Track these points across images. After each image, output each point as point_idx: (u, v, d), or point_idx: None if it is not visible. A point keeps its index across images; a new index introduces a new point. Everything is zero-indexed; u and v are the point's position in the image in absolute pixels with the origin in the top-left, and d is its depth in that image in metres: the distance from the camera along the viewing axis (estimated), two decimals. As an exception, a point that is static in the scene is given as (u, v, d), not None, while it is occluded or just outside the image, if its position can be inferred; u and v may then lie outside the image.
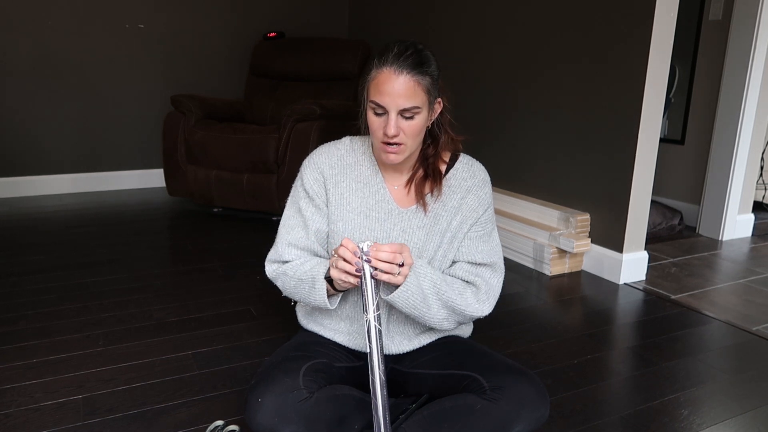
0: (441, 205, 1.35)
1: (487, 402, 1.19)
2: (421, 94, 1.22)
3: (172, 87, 3.82)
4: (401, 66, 1.20)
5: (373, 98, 1.23)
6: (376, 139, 1.27)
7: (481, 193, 1.38)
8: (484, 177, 1.40)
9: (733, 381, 1.70)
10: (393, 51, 1.22)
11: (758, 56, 2.91)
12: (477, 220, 1.37)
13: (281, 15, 4.11)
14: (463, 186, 1.37)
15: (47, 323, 1.91)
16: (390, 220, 1.34)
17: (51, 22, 3.46)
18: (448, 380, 1.30)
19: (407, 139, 1.24)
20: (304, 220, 1.37)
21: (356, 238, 1.33)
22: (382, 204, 1.35)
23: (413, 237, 1.33)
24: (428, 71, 1.23)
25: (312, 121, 3.00)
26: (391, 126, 1.22)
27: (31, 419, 1.41)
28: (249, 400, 1.20)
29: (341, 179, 1.36)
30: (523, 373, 1.25)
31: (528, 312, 2.15)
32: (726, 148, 3.05)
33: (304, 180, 1.38)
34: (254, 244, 2.78)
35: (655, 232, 3.11)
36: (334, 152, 1.39)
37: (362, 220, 1.34)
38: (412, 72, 1.20)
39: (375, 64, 1.24)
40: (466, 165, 1.40)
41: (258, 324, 1.96)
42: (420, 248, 1.33)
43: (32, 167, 3.58)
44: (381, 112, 1.23)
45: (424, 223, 1.34)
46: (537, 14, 2.75)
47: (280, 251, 1.38)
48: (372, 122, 1.26)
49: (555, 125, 2.71)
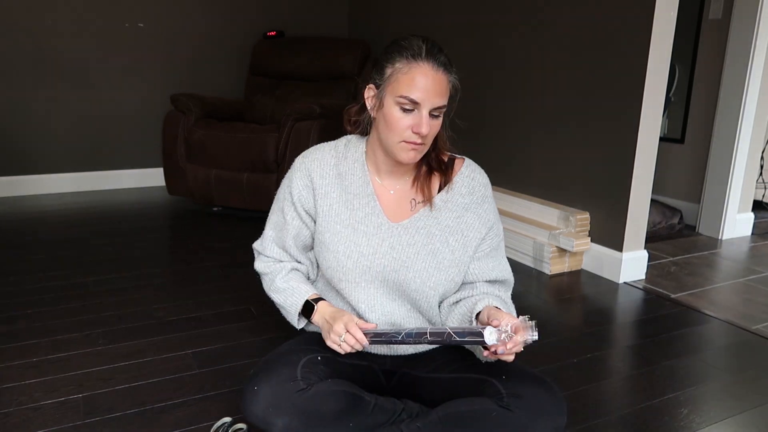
0: (435, 222, 1.29)
1: (504, 409, 1.15)
2: (448, 94, 1.21)
3: (171, 86, 3.82)
4: (438, 63, 1.17)
5: (405, 93, 1.16)
6: (396, 137, 1.20)
7: (481, 210, 1.31)
8: (484, 192, 1.33)
9: (732, 380, 1.70)
10: (425, 46, 1.18)
11: (758, 55, 2.91)
12: (482, 240, 1.32)
13: (281, 14, 4.10)
14: (460, 203, 1.31)
15: (47, 322, 1.91)
16: (378, 234, 1.29)
17: (51, 22, 3.45)
18: (463, 383, 1.26)
19: (430, 138, 1.22)
20: (285, 223, 1.38)
21: (342, 252, 1.30)
22: (371, 217, 1.30)
23: (401, 254, 1.27)
24: (453, 72, 1.22)
25: (312, 120, 3.00)
26: (425, 123, 1.17)
27: (30, 418, 1.41)
28: (245, 389, 1.19)
29: (331, 189, 1.32)
30: (542, 381, 1.21)
31: (528, 311, 2.14)
32: (726, 147, 3.05)
33: (292, 184, 1.35)
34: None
35: (655, 231, 3.11)
36: (328, 159, 1.34)
37: (350, 233, 1.30)
38: (445, 70, 1.19)
39: (405, 56, 1.17)
40: (467, 178, 1.33)
41: (257, 323, 1.96)
42: (408, 266, 1.27)
43: (32, 166, 3.58)
44: (411, 108, 1.18)
45: (415, 240, 1.28)
46: (537, 14, 2.74)
47: (264, 245, 1.44)
48: (397, 119, 1.18)
49: (555, 124, 2.70)
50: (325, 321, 1.28)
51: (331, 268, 1.32)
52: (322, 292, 1.42)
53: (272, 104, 3.64)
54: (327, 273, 1.35)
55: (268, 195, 3.04)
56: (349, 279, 1.30)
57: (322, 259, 1.35)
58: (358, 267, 1.29)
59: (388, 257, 1.28)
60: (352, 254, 1.29)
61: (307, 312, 1.34)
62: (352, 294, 1.32)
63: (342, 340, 1.21)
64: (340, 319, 1.24)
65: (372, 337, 1.20)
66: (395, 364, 1.37)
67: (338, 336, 1.22)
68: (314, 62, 3.68)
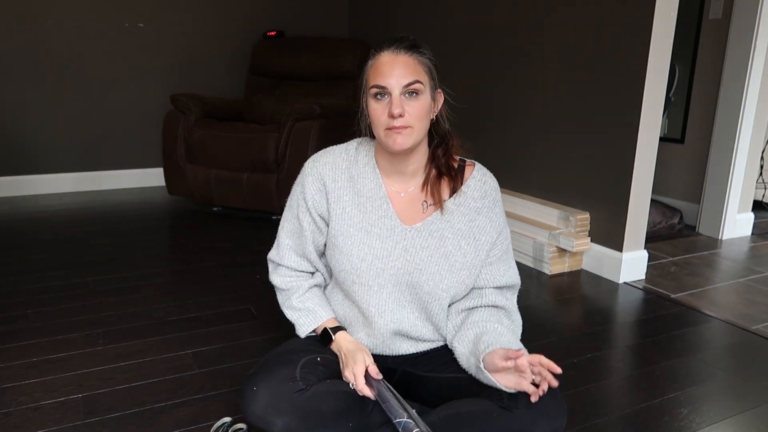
0: (447, 225, 1.30)
1: (504, 410, 1.16)
2: (423, 73, 1.22)
3: (171, 86, 3.82)
4: (398, 48, 1.22)
5: (372, 83, 1.22)
6: (380, 128, 1.23)
7: (492, 214, 1.32)
8: (495, 196, 1.34)
9: (732, 380, 1.70)
10: (387, 40, 1.24)
11: (758, 55, 2.91)
12: (493, 244, 1.33)
13: (281, 14, 4.10)
14: (472, 207, 1.31)
15: (47, 322, 1.91)
16: (392, 237, 1.30)
17: (51, 21, 3.45)
18: (464, 384, 1.26)
19: (413, 120, 1.21)
20: (301, 229, 1.37)
21: (356, 254, 1.30)
22: (384, 220, 1.30)
23: (415, 257, 1.28)
24: (426, 54, 1.24)
25: (312, 120, 3.00)
26: (396, 103, 1.19)
27: (30, 418, 1.41)
28: (245, 389, 1.20)
29: (344, 193, 1.32)
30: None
31: (527, 311, 2.14)
32: (726, 147, 3.05)
33: (305, 188, 1.34)
34: (254, 244, 2.78)
35: (655, 231, 3.11)
36: (339, 163, 1.34)
37: (363, 236, 1.30)
38: (410, 52, 1.22)
39: (371, 55, 1.25)
40: (479, 182, 1.33)
41: (257, 323, 1.96)
42: (421, 269, 1.28)
43: (32, 166, 3.58)
44: (383, 95, 1.21)
45: (428, 243, 1.29)
46: (537, 14, 2.74)
47: (282, 254, 1.40)
48: (374, 110, 1.22)
49: (555, 124, 2.70)
50: (341, 354, 1.30)
51: (345, 270, 1.31)
52: (330, 295, 1.43)
53: (272, 104, 3.64)
54: (340, 276, 1.34)
55: (268, 195, 3.04)
56: (363, 282, 1.30)
57: (335, 262, 1.34)
58: (372, 269, 1.29)
59: (402, 260, 1.28)
60: (366, 257, 1.29)
61: (324, 337, 1.35)
62: (364, 297, 1.31)
63: (352, 387, 1.23)
64: (351, 364, 1.24)
65: (377, 394, 1.21)
66: (396, 362, 1.37)
67: (349, 380, 1.24)
68: (314, 62, 3.68)
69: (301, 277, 1.41)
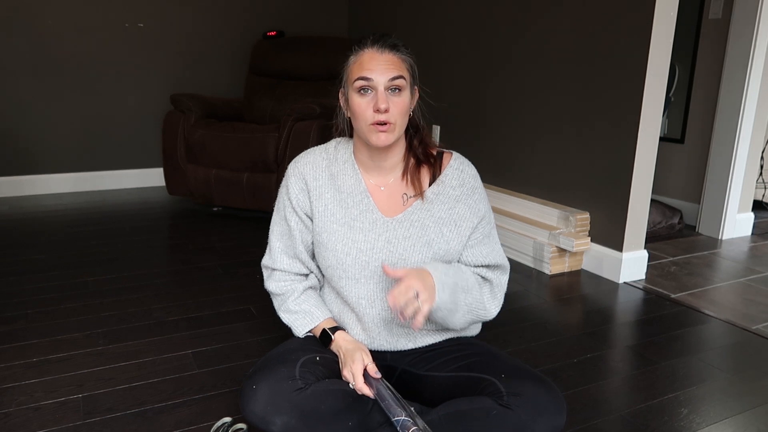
0: (428, 214, 1.33)
1: (504, 408, 1.16)
2: (405, 70, 1.27)
3: (171, 86, 3.82)
4: (382, 46, 1.26)
5: (357, 75, 1.24)
6: (363, 123, 1.25)
7: (471, 201, 1.35)
8: (473, 184, 1.37)
9: (732, 380, 1.70)
10: (371, 37, 1.28)
11: (758, 55, 2.91)
12: (474, 229, 1.35)
13: (281, 14, 4.11)
14: (451, 195, 1.34)
15: (47, 322, 1.91)
16: (374, 230, 1.32)
17: (51, 21, 3.45)
18: (463, 383, 1.27)
19: (396, 117, 1.25)
20: (290, 230, 1.39)
21: (341, 249, 1.32)
22: (366, 214, 1.33)
23: (398, 247, 1.31)
24: (407, 53, 1.29)
25: (312, 119, 3.00)
26: (381, 98, 1.22)
27: (31, 418, 1.41)
28: (244, 388, 1.20)
29: (325, 190, 1.35)
30: (542, 380, 1.22)
31: (528, 311, 2.15)
32: (726, 147, 3.05)
33: (289, 189, 1.38)
34: (254, 243, 2.78)
35: (655, 231, 3.11)
36: (319, 162, 1.38)
37: (346, 231, 1.33)
38: (392, 49, 1.26)
39: (354, 51, 1.29)
40: (456, 171, 1.36)
41: (257, 323, 1.96)
42: (405, 258, 1.30)
43: (32, 166, 3.58)
44: (367, 90, 1.24)
45: (410, 233, 1.31)
46: (537, 13, 2.74)
47: (274, 257, 1.42)
48: (359, 105, 1.25)
49: (555, 123, 2.71)
50: (341, 353, 1.31)
51: (332, 266, 1.34)
52: (324, 295, 1.44)
53: (272, 104, 3.64)
54: (327, 272, 1.37)
55: (268, 195, 3.04)
56: (349, 276, 1.32)
57: (321, 259, 1.37)
58: (357, 263, 1.31)
59: (386, 251, 1.31)
60: (351, 251, 1.31)
61: (323, 338, 1.36)
62: (353, 291, 1.33)
63: (351, 386, 1.24)
64: (350, 363, 1.25)
65: (376, 393, 1.22)
66: (395, 359, 1.38)
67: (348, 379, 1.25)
68: (314, 62, 3.68)
69: (296, 281, 1.42)
